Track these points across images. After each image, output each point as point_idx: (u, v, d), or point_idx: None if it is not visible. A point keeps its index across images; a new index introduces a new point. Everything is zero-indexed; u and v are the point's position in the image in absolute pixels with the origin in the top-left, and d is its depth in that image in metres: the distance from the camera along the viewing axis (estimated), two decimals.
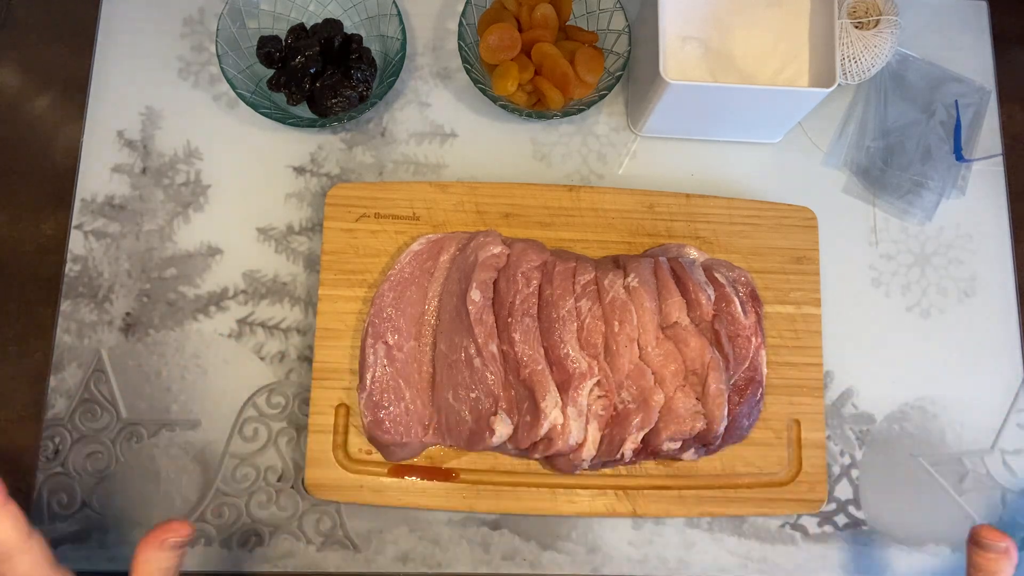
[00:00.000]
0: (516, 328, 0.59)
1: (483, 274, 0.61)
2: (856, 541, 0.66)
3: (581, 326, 0.60)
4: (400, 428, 0.60)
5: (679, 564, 0.64)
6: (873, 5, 0.69)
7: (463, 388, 0.59)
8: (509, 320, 0.60)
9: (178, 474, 0.64)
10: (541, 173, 0.71)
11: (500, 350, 0.60)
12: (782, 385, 0.65)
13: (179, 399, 0.65)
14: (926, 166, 0.72)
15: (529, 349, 0.59)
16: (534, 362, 0.59)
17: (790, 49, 0.66)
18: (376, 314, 0.62)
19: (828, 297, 0.68)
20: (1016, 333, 0.71)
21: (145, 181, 0.69)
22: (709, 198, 0.67)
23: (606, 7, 0.69)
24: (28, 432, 0.64)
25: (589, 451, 0.59)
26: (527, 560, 0.64)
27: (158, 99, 0.70)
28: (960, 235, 0.73)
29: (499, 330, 0.60)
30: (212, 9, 0.72)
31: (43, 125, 0.70)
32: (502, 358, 0.60)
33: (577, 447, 0.59)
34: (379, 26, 0.70)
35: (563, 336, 0.59)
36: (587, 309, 0.60)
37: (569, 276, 0.62)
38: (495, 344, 0.59)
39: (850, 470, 0.68)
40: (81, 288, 0.66)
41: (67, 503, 0.63)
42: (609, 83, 0.67)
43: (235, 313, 0.67)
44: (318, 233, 0.68)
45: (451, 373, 0.60)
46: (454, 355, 0.60)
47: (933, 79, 0.75)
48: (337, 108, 0.67)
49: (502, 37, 0.66)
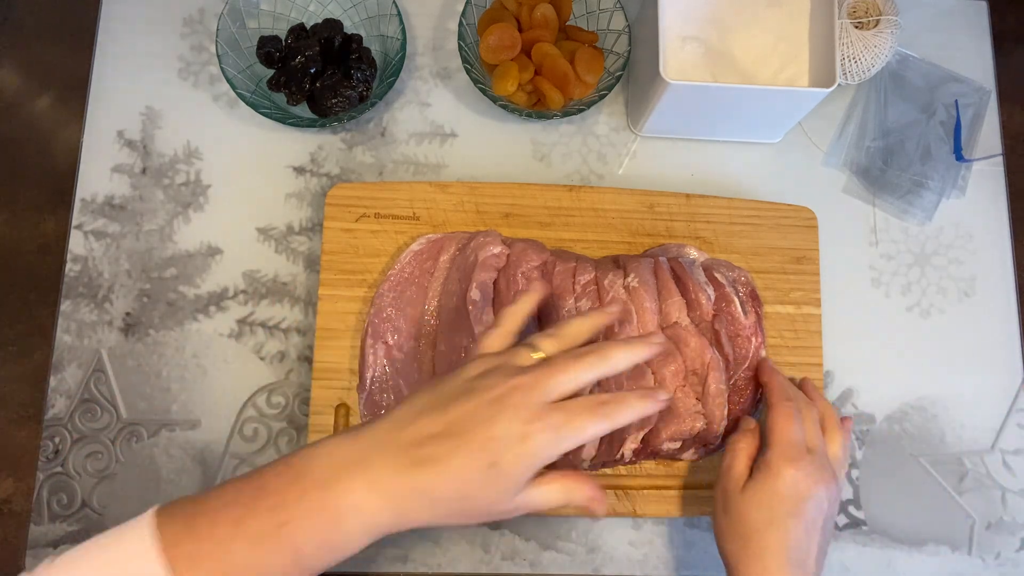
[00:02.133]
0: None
1: (483, 274, 0.61)
2: (856, 541, 0.66)
3: None
4: None
5: (679, 564, 0.64)
6: (873, 5, 0.69)
7: None
8: None
9: (178, 474, 0.64)
10: (541, 173, 0.71)
11: None
12: None
13: (179, 399, 0.65)
14: (926, 166, 0.72)
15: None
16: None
17: (790, 49, 0.66)
18: (376, 314, 0.62)
19: (828, 297, 0.68)
20: (1016, 333, 0.71)
21: (145, 181, 0.69)
22: (709, 198, 0.67)
23: (606, 7, 0.69)
24: (28, 432, 0.64)
25: (589, 451, 0.59)
26: (527, 560, 0.64)
27: (158, 99, 0.70)
28: (960, 235, 0.73)
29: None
30: (212, 9, 0.72)
31: (43, 125, 0.70)
32: None
33: (577, 448, 0.59)
34: (379, 26, 0.70)
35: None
36: (587, 309, 0.60)
37: (569, 276, 0.61)
38: None
39: (850, 470, 0.67)
40: (81, 288, 0.66)
41: (67, 503, 0.63)
42: (609, 83, 0.67)
43: (235, 313, 0.67)
44: (318, 233, 0.68)
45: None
46: (454, 355, 0.60)
47: (933, 79, 0.75)
48: (337, 108, 0.67)
49: (502, 37, 0.66)
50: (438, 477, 0.39)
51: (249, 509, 0.38)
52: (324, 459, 0.40)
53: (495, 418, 0.40)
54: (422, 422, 0.41)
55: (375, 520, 0.39)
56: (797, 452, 0.52)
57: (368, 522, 0.39)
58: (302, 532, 0.38)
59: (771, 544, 0.49)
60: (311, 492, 0.39)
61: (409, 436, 0.40)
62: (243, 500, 0.39)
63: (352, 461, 0.39)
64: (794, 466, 0.51)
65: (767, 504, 0.51)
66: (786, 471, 0.51)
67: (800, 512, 0.50)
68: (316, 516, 0.38)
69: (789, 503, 0.50)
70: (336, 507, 0.39)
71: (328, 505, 0.38)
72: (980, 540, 0.67)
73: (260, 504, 0.38)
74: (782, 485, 0.51)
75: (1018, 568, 0.67)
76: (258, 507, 0.38)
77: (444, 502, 0.40)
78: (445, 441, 0.40)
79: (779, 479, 0.51)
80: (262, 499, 0.39)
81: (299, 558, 0.38)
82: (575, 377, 0.42)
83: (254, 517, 0.38)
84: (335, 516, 0.39)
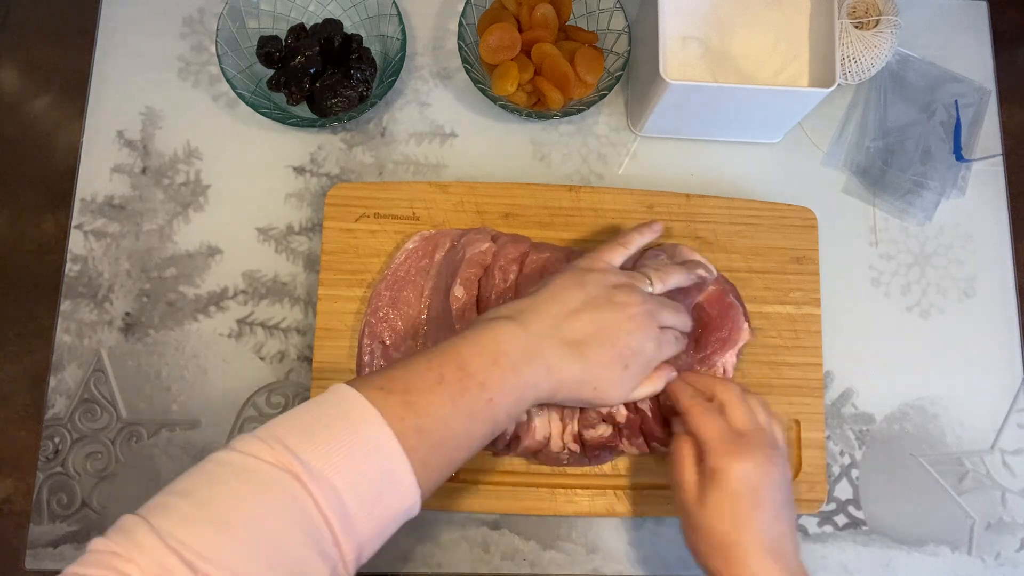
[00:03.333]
0: None
1: (468, 270, 0.61)
2: (856, 541, 0.66)
3: None
4: None
5: (679, 564, 0.64)
6: (873, 5, 0.69)
7: None
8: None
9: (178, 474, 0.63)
10: (541, 173, 0.71)
11: None
12: (782, 385, 0.65)
13: (179, 399, 0.65)
14: (926, 166, 0.72)
15: None
16: None
17: (790, 49, 0.66)
18: (372, 313, 0.62)
19: (828, 297, 0.68)
20: (1016, 333, 0.71)
21: (145, 181, 0.69)
22: (709, 198, 0.67)
23: (606, 7, 0.69)
24: (28, 432, 0.64)
25: (556, 443, 0.59)
26: (527, 560, 0.64)
27: (158, 99, 0.70)
28: (960, 235, 0.73)
29: None
30: (212, 9, 0.72)
31: (43, 125, 0.70)
32: None
33: (545, 442, 0.59)
34: (379, 26, 0.70)
35: None
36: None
37: (541, 266, 0.61)
38: None
39: (850, 470, 0.68)
40: (81, 288, 0.66)
41: (67, 503, 0.63)
42: (609, 83, 0.67)
43: (235, 313, 0.67)
44: (318, 233, 0.68)
45: None
46: None
47: (933, 79, 0.75)
48: (337, 108, 0.67)
49: (502, 37, 0.66)
50: (589, 367, 0.50)
51: (461, 387, 0.46)
52: (513, 343, 0.48)
53: (633, 333, 0.52)
54: (578, 322, 0.51)
55: (541, 395, 0.49)
56: (731, 444, 0.51)
57: (539, 396, 0.49)
58: (502, 406, 0.47)
59: (746, 546, 0.49)
60: (509, 374, 0.47)
61: (569, 331, 0.50)
62: (450, 380, 0.46)
63: (532, 350, 0.49)
64: (736, 459, 0.50)
65: (728, 510, 0.50)
66: (731, 469, 0.50)
67: (761, 501, 0.50)
68: (511, 393, 0.47)
69: (748, 498, 0.50)
70: (525, 385, 0.48)
71: (520, 384, 0.48)
72: (980, 540, 0.67)
73: (469, 382, 0.46)
74: (734, 485, 0.50)
75: (1018, 568, 0.67)
76: (469, 385, 0.46)
77: (585, 387, 0.51)
78: (596, 342, 0.51)
79: (728, 481, 0.50)
80: (468, 378, 0.46)
81: (496, 426, 0.47)
82: (674, 320, 0.56)
83: (467, 394, 0.46)
84: (523, 392, 0.48)
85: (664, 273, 0.57)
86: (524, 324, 0.49)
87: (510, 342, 0.48)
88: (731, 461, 0.50)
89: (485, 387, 0.46)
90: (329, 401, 0.43)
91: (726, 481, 0.50)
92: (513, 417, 0.49)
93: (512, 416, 0.48)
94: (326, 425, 0.42)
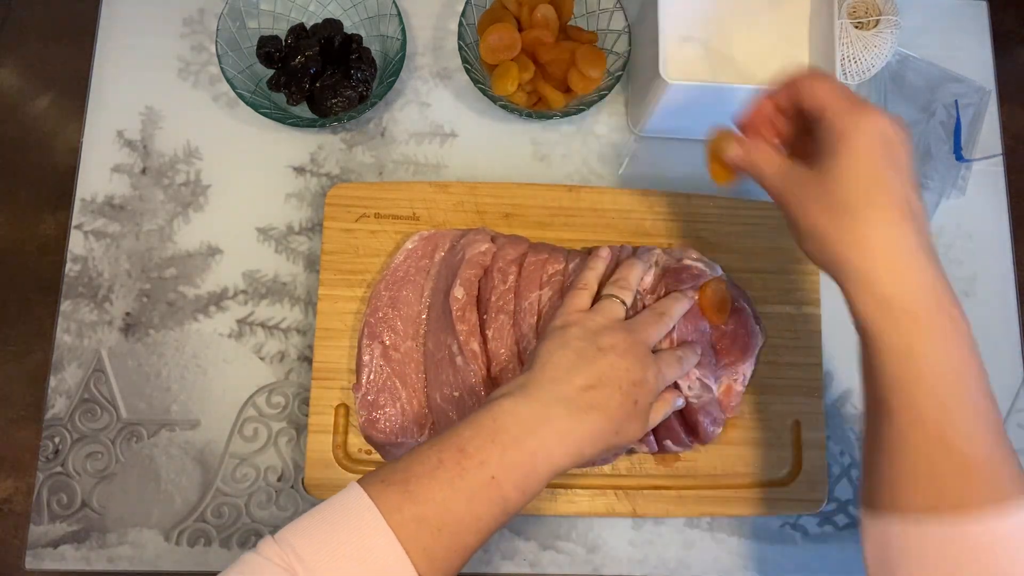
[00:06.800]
0: (490, 325, 0.60)
1: (468, 271, 0.61)
2: (856, 541, 0.66)
3: (539, 317, 0.60)
4: (395, 428, 0.60)
5: (679, 564, 0.64)
6: (873, 5, 0.69)
7: (448, 387, 0.59)
8: (485, 317, 0.60)
9: (178, 474, 0.64)
10: (541, 173, 0.71)
11: (481, 348, 0.60)
12: (782, 385, 0.65)
13: (179, 399, 0.65)
14: (926, 166, 0.72)
15: (501, 346, 0.59)
16: (504, 359, 0.59)
17: (790, 49, 0.66)
18: (371, 313, 0.62)
19: (828, 297, 0.68)
20: (1016, 333, 0.71)
21: (145, 181, 0.69)
22: (709, 198, 0.67)
23: (606, 7, 0.69)
24: (28, 432, 0.64)
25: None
26: (527, 560, 0.64)
27: (158, 99, 0.70)
28: (960, 235, 0.73)
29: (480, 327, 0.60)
30: (212, 9, 0.72)
31: (43, 125, 0.70)
32: (484, 356, 0.60)
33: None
34: (379, 26, 0.70)
35: (523, 330, 0.59)
36: (547, 299, 0.60)
37: (540, 267, 0.61)
38: (477, 342, 0.59)
39: (850, 470, 0.67)
40: (81, 288, 0.66)
41: (67, 503, 0.63)
42: (609, 83, 0.67)
43: (235, 313, 0.67)
44: (318, 233, 0.68)
45: (437, 372, 0.60)
46: (440, 353, 0.60)
47: (933, 79, 0.75)
48: (337, 108, 0.67)
49: (502, 37, 0.66)
50: (602, 418, 0.49)
51: (460, 469, 0.45)
52: (512, 418, 0.47)
53: (631, 369, 0.51)
54: (577, 378, 0.50)
55: (561, 463, 0.47)
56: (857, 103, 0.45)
57: (556, 464, 0.47)
58: (508, 482, 0.45)
59: (882, 208, 0.44)
60: (510, 448, 0.46)
61: (571, 390, 0.49)
62: (449, 463, 0.45)
63: (537, 417, 0.47)
64: (866, 114, 0.44)
65: (862, 170, 0.44)
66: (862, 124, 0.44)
67: (897, 160, 0.44)
68: (518, 467, 0.46)
69: (882, 155, 0.44)
70: (533, 456, 0.46)
71: (526, 457, 0.46)
72: None
73: (467, 463, 0.45)
74: (866, 141, 0.44)
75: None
76: (467, 466, 0.45)
77: (607, 437, 0.50)
78: (601, 390, 0.50)
79: (859, 136, 0.44)
80: (467, 459, 0.45)
81: (506, 505, 0.45)
82: (661, 331, 0.57)
83: (466, 475, 0.45)
84: (532, 465, 0.46)
85: (623, 280, 0.58)
86: (524, 397, 0.49)
87: (508, 417, 0.47)
88: (861, 116, 0.44)
89: (485, 465, 0.45)
90: (339, 500, 0.44)
91: (856, 137, 0.44)
92: (528, 493, 0.47)
93: (526, 492, 0.46)
94: (331, 524, 0.43)
